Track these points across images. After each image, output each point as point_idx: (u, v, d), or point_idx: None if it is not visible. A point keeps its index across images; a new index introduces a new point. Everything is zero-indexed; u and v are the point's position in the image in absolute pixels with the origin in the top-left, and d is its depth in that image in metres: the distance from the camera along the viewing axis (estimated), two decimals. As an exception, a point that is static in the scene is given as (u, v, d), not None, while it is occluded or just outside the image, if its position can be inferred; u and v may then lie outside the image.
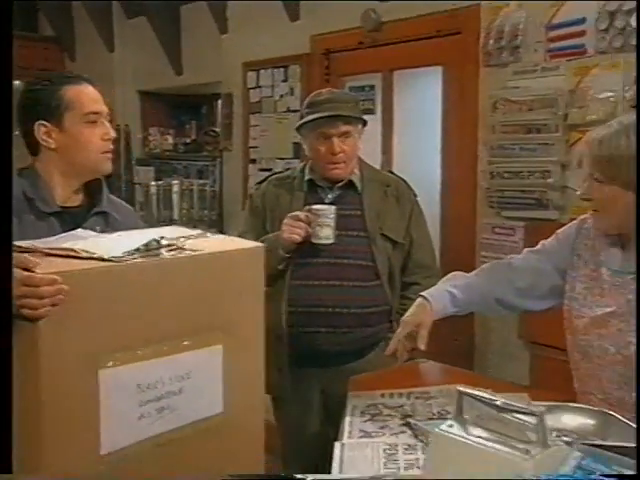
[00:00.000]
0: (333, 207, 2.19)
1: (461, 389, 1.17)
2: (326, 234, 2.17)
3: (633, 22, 2.34)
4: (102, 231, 1.65)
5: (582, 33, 2.46)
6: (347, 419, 1.72)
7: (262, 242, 2.13)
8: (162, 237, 1.40)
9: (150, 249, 1.36)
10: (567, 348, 1.70)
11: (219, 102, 4.31)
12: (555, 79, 2.54)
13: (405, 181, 2.41)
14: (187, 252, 1.41)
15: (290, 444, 2.42)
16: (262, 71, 3.79)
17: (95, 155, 1.72)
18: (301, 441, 2.35)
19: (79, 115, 1.68)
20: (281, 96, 3.69)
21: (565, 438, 1.31)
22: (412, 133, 3.29)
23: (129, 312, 1.34)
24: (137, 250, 1.34)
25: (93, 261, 1.29)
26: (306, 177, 2.33)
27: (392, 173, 2.50)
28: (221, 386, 1.50)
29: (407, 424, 1.62)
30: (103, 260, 1.29)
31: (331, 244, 2.19)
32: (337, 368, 2.21)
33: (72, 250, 1.32)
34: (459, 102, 2.92)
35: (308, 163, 2.35)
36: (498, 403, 1.11)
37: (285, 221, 2.20)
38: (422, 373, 2.02)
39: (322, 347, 2.23)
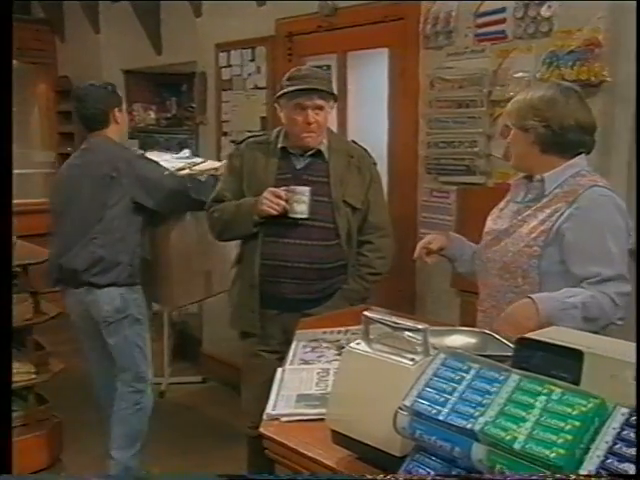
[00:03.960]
0: (309, 188, 2.35)
1: (366, 314, 1.29)
2: (301, 209, 2.34)
3: (543, 12, 2.55)
4: None
5: (503, 21, 2.67)
6: (291, 351, 1.90)
7: (240, 204, 2.45)
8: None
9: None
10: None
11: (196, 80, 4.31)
12: (481, 60, 2.74)
13: (367, 151, 2.58)
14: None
15: (247, 372, 2.61)
16: (232, 51, 3.87)
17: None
18: (259, 371, 2.46)
19: (122, 111, 2.96)
20: (249, 74, 3.77)
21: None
22: (363, 107, 3.42)
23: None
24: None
25: None
26: (279, 145, 2.46)
27: (355, 143, 2.64)
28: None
29: (340, 354, 1.61)
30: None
31: (306, 218, 2.37)
32: (298, 313, 2.40)
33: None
34: (402, 80, 3.09)
35: (282, 131, 2.48)
36: (394, 324, 1.24)
37: (265, 194, 2.35)
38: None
39: (287, 295, 2.44)
